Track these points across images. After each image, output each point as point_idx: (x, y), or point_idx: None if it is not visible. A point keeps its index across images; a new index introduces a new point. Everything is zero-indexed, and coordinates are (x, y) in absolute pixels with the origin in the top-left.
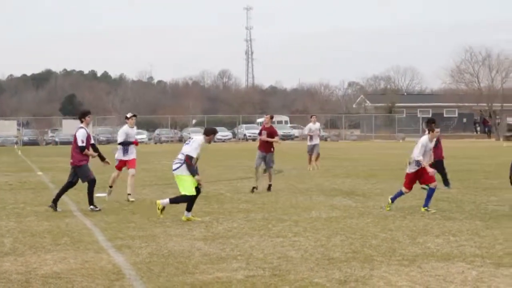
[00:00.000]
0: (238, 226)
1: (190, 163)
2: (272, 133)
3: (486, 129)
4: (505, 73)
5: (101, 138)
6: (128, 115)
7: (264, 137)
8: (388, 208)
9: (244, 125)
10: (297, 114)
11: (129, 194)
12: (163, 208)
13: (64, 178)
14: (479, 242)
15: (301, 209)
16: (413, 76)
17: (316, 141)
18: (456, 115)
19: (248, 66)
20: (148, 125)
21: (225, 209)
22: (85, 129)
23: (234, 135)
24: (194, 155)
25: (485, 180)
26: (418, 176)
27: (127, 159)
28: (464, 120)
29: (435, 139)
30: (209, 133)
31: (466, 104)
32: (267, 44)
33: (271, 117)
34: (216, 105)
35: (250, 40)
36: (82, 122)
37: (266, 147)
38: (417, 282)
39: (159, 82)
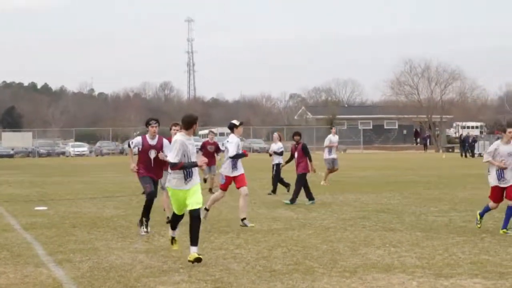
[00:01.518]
0: (180, 238)
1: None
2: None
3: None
4: (444, 85)
5: (41, 150)
6: (237, 123)
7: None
8: (479, 225)
9: None
10: None
11: (243, 219)
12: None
13: (1, 191)
14: (419, 253)
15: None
16: (353, 88)
17: (335, 154)
18: (396, 126)
19: (190, 78)
20: (89, 138)
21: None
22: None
23: None
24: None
25: (425, 191)
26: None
27: (235, 175)
28: (404, 131)
29: None
30: (187, 124)
31: (406, 116)
32: (208, 56)
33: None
34: (158, 117)
35: (192, 52)
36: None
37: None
38: None
39: (100, 94)
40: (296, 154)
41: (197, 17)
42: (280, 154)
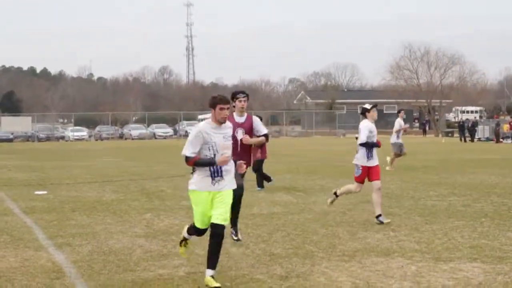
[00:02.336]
0: (180, 223)
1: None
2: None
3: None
4: (443, 69)
5: (40, 135)
6: (368, 106)
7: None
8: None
9: (185, 122)
10: None
11: (379, 216)
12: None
13: (0, 175)
14: (418, 237)
15: (242, 205)
16: (353, 72)
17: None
18: (396, 111)
19: (189, 62)
20: (88, 122)
21: (166, 206)
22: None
23: (176, 132)
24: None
25: (425, 175)
26: None
27: (371, 165)
28: (404, 116)
29: None
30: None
31: (406, 101)
32: (207, 40)
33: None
34: (157, 102)
35: (191, 37)
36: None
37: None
38: (358, 277)
39: (99, 78)
40: None
41: (196, 1)
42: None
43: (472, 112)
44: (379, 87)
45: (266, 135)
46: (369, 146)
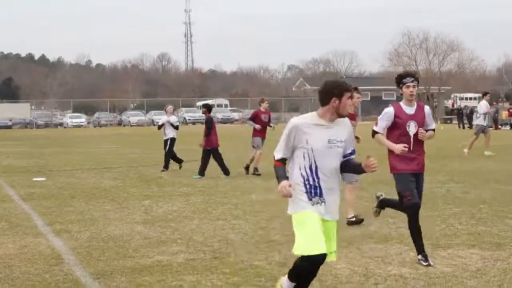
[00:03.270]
0: (178, 209)
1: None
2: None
3: None
4: (442, 56)
5: (39, 122)
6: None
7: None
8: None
9: (184, 109)
10: (237, 97)
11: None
12: None
13: (0, 161)
14: None
15: (241, 192)
16: (352, 59)
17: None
18: (395, 98)
19: (188, 49)
20: (86, 109)
21: (165, 192)
22: None
23: None
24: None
25: None
26: None
27: None
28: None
29: None
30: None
31: None
32: (206, 27)
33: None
34: (155, 89)
35: (189, 23)
36: None
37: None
38: (356, 264)
39: (98, 65)
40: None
41: None
42: (176, 128)
43: (470, 99)
44: (377, 74)
45: (433, 130)
46: None
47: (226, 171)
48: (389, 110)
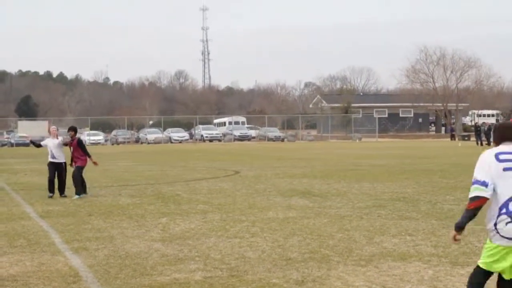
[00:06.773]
0: (196, 227)
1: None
2: None
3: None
4: (459, 73)
5: None
6: None
7: None
8: None
9: (201, 126)
10: (254, 114)
11: None
12: None
13: (17, 179)
14: (435, 241)
15: (258, 209)
16: (369, 76)
17: None
18: (412, 115)
19: (205, 66)
20: (104, 126)
21: (182, 210)
22: None
23: (191, 136)
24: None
25: (441, 179)
26: None
27: None
28: (420, 120)
29: None
30: None
31: (422, 104)
32: (223, 45)
33: None
34: (172, 106)
35: (207, 41)
36: None
37: None
38: (374, 282)
39: (115, 82)
40: (72, 149)
41: (212, 5)
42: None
43: (488, 115)
44: (395, 91)
45: None
46: None
47: (79, 191)
48: None
